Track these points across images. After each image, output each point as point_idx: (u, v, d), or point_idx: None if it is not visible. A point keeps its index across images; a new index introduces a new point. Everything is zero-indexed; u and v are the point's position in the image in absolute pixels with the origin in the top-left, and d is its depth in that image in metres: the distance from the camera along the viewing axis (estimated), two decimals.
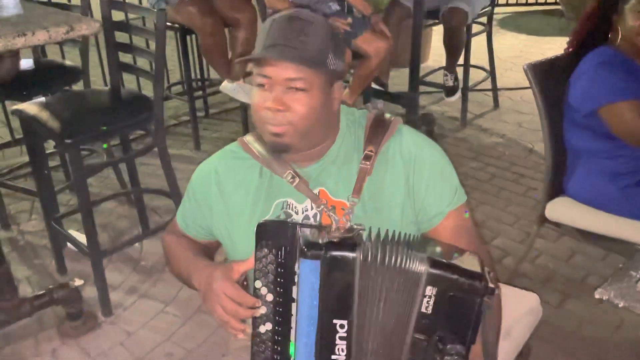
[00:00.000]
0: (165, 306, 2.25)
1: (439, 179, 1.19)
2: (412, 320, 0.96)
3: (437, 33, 4.02)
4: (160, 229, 2.44)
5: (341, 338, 0.97)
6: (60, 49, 3.27)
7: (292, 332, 1.01)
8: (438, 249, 1.03)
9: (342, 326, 0.97)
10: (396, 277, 0.96)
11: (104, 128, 1.92)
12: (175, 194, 2.37)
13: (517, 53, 4.95)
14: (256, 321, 1.03)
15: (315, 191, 1.17)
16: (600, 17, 1.90)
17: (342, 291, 0.96)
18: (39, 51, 2.73)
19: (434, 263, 0.95)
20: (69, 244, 2.48)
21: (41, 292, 2.08)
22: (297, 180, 1.16)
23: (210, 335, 2.08)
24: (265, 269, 1.00)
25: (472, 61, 3.66)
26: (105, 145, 1.89)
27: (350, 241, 0.97)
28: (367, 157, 1.16)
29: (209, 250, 1.32)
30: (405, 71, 3.41)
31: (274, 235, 0.99)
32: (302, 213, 1.17)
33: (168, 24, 3.24)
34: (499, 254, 2.49)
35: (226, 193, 1.21)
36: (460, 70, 3.61)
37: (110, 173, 2.99)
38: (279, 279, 1.00)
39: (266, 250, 0.99)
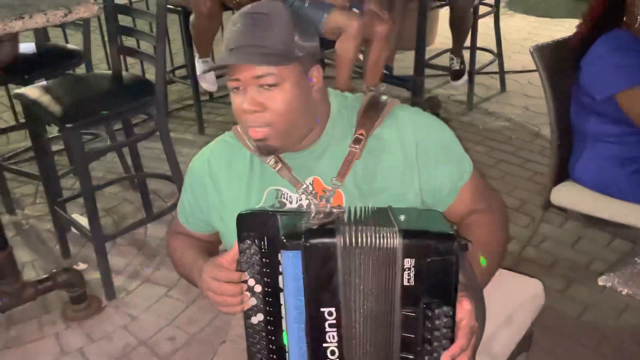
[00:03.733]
0: (169, 290, 2.26)
1: (445, 158, 1.18)
2: (398, 296, 0.96)
3: (444, 15, 3.97)
4: (164, 213, 2.44)
5: (331, 325, 0.96)
6: (63, 33, 3.25)
7: (284, 321, 1.00)
8: (403, 217, 1.01)
9: (330, 313, 0.96)
10: (375, 256, 0.95)
11: (104, 113, 1.90)
12: (178, 178, 2.36)
13: (525, 35, 4.88)
14: (247, 313, 1.03)
15: (309, 180, 1.16)
16: (605, 6, 1.82)
17: (326, 278, 0.95)
18: (41, 35, 2.71)
19: (405, 234, 0.95)
20: (73, 228, 2.49)
21: (45, 276, 2.09)
22: (280, 165, 1.15)
23: (214, 319, 2.09)
24: (251, 260, 0.99)
25: (479, 44, 3.61)
26: (104, 112, 1.85)
27: (329, 227, 0.96)
28: (357, 141, 1.14)
29: (212, 246, 1.31)
30: (411, 54, 3.38)
31: (255, 226, 0.98)
32: (297, 202, 1.16)
33: (170, 6, 3.23)
34: None
35: (220, 183, 1.20)
36: (466, 53, 3.57)
37: (114, 157, 2.99)
38: (265, 270, 0.99)
39: (249, 241, 0.99)
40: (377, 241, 0.95)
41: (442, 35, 4.52)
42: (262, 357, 1.05)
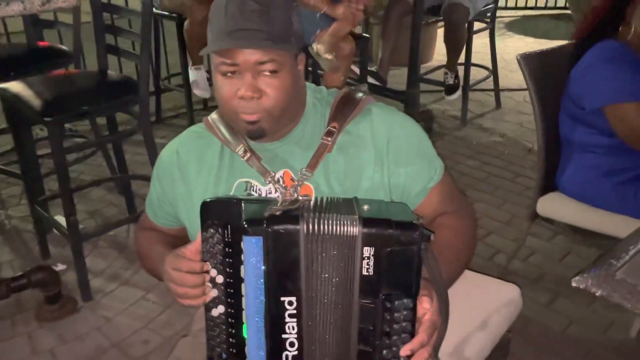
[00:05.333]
0: (147, 293, 2.21)
1: (417, 158, 1.17)
2: (356, 286, 0.92)
3: (441, 34, 3.98)
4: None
5: (291, 315, 0.93)
6: (58, 34, 3.25)
7: (244, 313, 0.96)
8: (366, 207, 0.97)
9: (290, 303, 0.92)
10: (335, 245, 0.92)
11: (85, 108, 1.88)
12: None
13: None
14: (208, 305, 0.99)
15: (280, 173, 1.13)
16: (612, 8, 1.78)
17: (288, 266, 0.92)
18: (32, 35, 2.71)
19: (365, 222, 0.91)
20: (54, 229, 2.46)
21: (19, 274, 2.05)
22: (249, 154, 1.12)
23: (190, 323, 2.04)
24: (213, 250, 0.96)
25: (477, 60, 3.61)
26: (84, 108, 1.82)
27: (293, 213, 0.93)
28: (329, 133, 1.12)
29: (180, 242, 1.25)
30: (407, 70, 3.37)
31: (219, 214, 0.95)
32: (266, 195, 1.13)
33: (165, 13, 3.24)
34: (491, 251, 2.43)
35: (188, 175, 1.16)
36: (461, 69, 3.56)
37: (102, 162, 2.97)
38: (227, 259, 0.95)
39: (212, 230, 0.95)
40: (338, 228, 0.91)
41: (439, 53, 4.52)
42: (221, 351, 1.00)
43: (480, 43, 3.65)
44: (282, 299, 0.92)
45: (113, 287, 2.26)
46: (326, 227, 0.92)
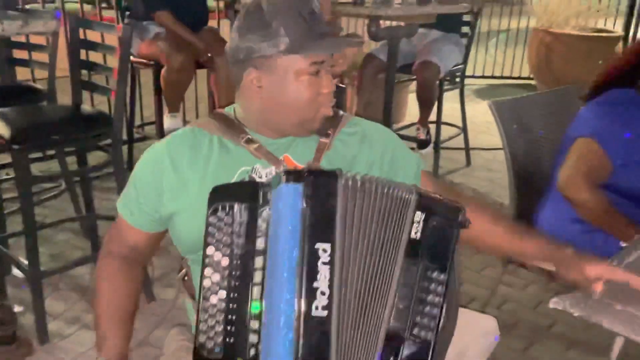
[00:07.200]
0: None
1: (404, 150, 1.29)
2: (403, 245, 0.96)
3: (413, 97, 4.10)
4: None
5: (324, 263, 0.90)
6: (31, 72, 3.22)
7: (256, 289, 0.92)
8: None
9: (324, 250, 0.90)
10: (383, 203, 0.96)
11: (56, 137, 1.84)
12: None
13: (491, 119, 5.00)
14: (206, 293, 0.94)
15: (280, 157, 1.15)
16: (634, 61, 1.78)
17: (324, 215, 0.92)
18: (7, 75, 2.70)
19: (419, 191, 0.98)
20: (14, 270, 2.36)
21: None
22: (257, 145, 1.14)
23: None
24: (221, 232, 0.94)
25: (446, 120, 3.70)
26: (55, 137, 1.76)
27: (330, 171, 0.96)
28: (326, 135, 1.19)
29: (138, 285, 1.26)
30: None
31: (231, 195, 0.96)
32: (266, 177, 1.13)
33: (143, 61, 3.27)
34: (464, 299, 2.39)
35: (180, 164, 1.14)
36: (432, 127, 3.65)
37: (68, 206, 2.89)
38: (237, 240, 0.94)
39: (221, 213, 0.95)
40: (390, 190, 0.97)
41: (411, 114, 4.64)
42: (214, 345, 0.93)
43: (450, 107, 3.79)
44: (318, 245, 0.91)
45: (71, 331, 2.15)
46: (373, 186, 0.97)
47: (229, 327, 0.93)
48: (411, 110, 4.57)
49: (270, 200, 0.94)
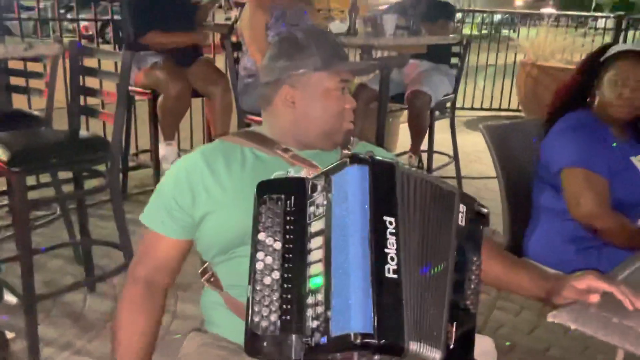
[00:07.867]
0: None
1: None
2: (454, 228, 1.07)
3: (404, 128, 4.17)
4: (103, 279, 2.31)
5: (391, 233, 0.99)
6: (28, 100, 3.24)
7: (315, 266, 0.98)
8: None
9: (390, 222, 0.99)
10: (433, 191, 1.07)
11: (54, 160, 1.86)
12: (125, 245, 2.27)
13: (481, 148, 5.07)
14: (259, 275, 0.99)
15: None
16: (581, 81, 1.90)
17: (387, 193, 1.02)
18: (4, 100, 2.72)
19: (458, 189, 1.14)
20: (6, 297, 2.34)
21: None
22: (290, 152, 1.24)
23: None
24: (271, 220, 1.02)
25: (437, 148, 3.75)
26: (54, 160, 1.77)
27: (387, 160, 1.07)
28: (347, 149, 1.31)
29: (162, 312, 1.24)
30: None
31: (280, 187, 1.05)
32: None
33: (139, 89, 3.31)
34: None
35: (217, 169, 1.21)
36: (424, 156, 3.69)
37: (62, 233, 2.87)
38: (288, 226, 1.02)
39: (270, 203, 1.03)
40: (436, 183, 1.08)
41: (402, 145, 4.69)
42: (268, 324, 0.97)
43: (441, 137, 3.85)
44: (385, 218, 0.99)
45: (64, 356, 2.11)
46: (422, 176, 1.08)
47: (284, 306, 0.98)
48: (402, 139, 4.62)
49: (329, 185, 1.03)
